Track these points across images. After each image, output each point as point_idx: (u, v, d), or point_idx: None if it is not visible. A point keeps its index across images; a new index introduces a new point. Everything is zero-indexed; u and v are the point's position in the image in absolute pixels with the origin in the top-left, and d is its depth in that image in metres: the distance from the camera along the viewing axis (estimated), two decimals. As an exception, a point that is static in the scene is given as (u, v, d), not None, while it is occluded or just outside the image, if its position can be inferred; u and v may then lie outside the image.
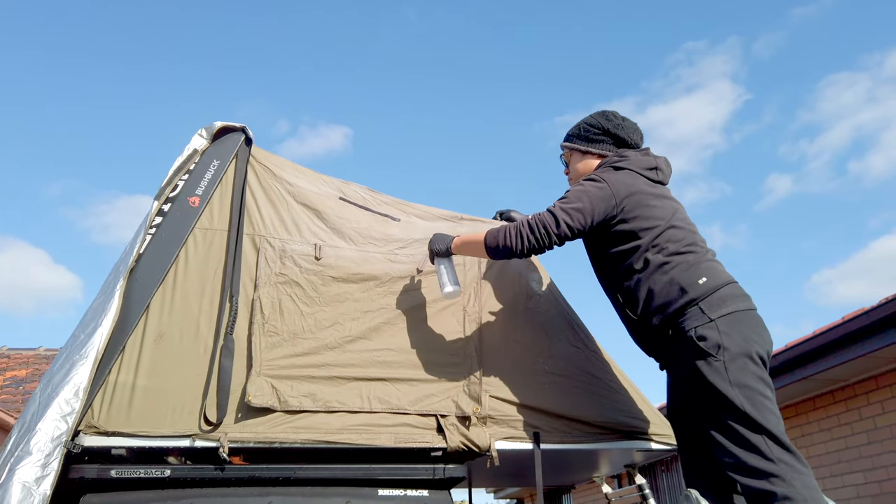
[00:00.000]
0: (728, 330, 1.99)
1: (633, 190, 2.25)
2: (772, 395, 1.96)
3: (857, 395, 5.99)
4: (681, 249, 2.16)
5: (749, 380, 1.95)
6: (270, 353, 2.31)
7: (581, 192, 2.25)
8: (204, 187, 2.51)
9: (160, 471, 2.13)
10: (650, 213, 2.23)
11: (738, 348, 1.98)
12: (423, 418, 2.32)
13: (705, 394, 1.99)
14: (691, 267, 2.13)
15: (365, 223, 2.62)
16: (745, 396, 1.93)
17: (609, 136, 2.45)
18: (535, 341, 2.56)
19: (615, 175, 2.28)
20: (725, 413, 1.94)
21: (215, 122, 2.59)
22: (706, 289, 2.07)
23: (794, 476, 1.81)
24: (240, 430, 2.20)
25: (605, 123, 2.45)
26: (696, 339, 2.01)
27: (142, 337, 2.25)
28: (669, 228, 2.20)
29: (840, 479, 5.97)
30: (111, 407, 2.14)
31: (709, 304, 2.04)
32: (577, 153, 2.52)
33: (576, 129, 2.53)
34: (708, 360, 1.98)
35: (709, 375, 1.97)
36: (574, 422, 2.45)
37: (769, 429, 1.90)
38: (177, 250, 2.39)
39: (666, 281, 2.12)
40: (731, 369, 1.95)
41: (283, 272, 2.44)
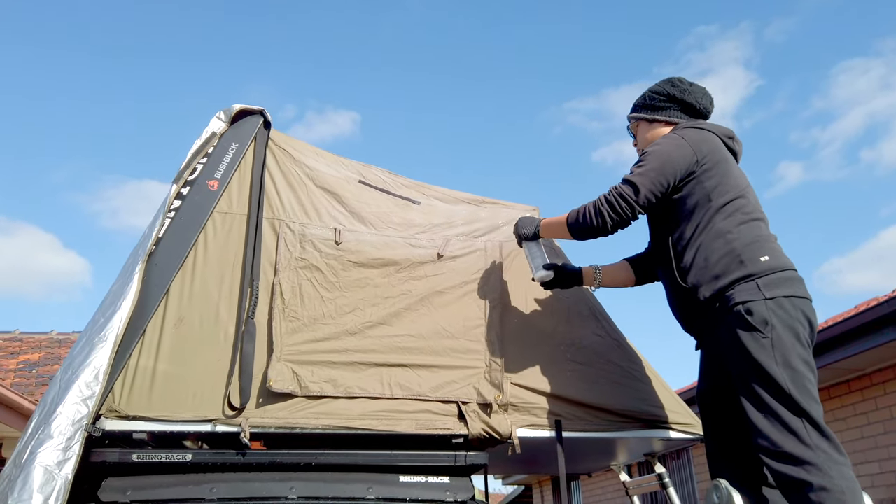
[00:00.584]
0: (778, 310, 1.93)
1: (714, 147, 2.18)
2: (815, 382, 1.90)
3: (873, 385, 5.93)
4: (747, 220, 2.09)
5: (795, 361, 1.89)
6: (291, 338, 2.29)
7: (658, 153, 2.16)
8: (223, 170, 2.48)
9: (181, 455, 2.12)
10: (727, 175, 2.15)
11: (786, 328, 1.91)
12: (444, 405, 2.30)
13: (748, 371, 1.92)
14: (755, 242, 2.06)
15: (385, 207, 2.59)
16: (790, 377, 1.87)
17: (675, 102, 2.36)
18: (557, 329, 2.53)
19: (693, 132, 2.20)
20: (767, 392, 1.88)
21: (233, 104, 2.57)
22: (767, 267, 2.00)
23: (832, 465, 1.76)
24: (260, 416, 2.18)
25: (670, 90, 2.36)
26: (744, 312, 1.94)
27: (162, 321, 2.24)
28: (740, 197, 2.13)
29: (855, 469, 5.91)
30: (132, 391, 2.14)
31: (766, 283, 1.97)
32: (643, 123, 2.42)
33: (641, 99, 2.45)
34: (754, 335, 1.91)
35: (754, 351, 1.90)
36: (596, 410, 2.42)
37: (810, 413, 1.84)
38: (196, 234, 2.37)
39: (726, 251, 2.05)
40: (777, 347, 1.89)
41: (303, 257, 2.41)
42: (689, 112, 2.36)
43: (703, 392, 2.22)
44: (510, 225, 2.66)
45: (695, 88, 2.37)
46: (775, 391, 1.87)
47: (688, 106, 2.35)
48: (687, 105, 2.35)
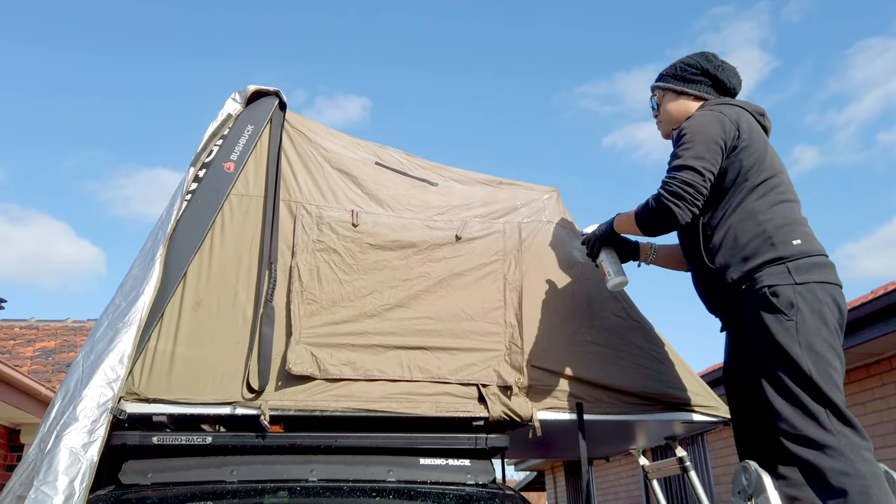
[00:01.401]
0: (807, 294, 1.90)
1: (751, 124, 2.14)
2: (840, 368, 1.87)
3: (892, 370, 5.87)
4: (780, 200, 2.05)
5: (820, 346, 1.86)
6: (309, 320, 2.28)
7: (702, 131, 2.08)
8: (239, 153, 2.47)
9: (201, 438, 2.12)
10: (764, 153, 2.11)
11: (813, 312, 1.88)
12: (464, 387, 2.28)
13: (770, 354, 1.90)
14: (787, 224, 2.02)
15: (402, 189, 2.57)
16: (813, 362, 1.84)
17: (708, 77, 2.30)
18: (577, 310, 2.50)
19: (730, 108, 2.15)
20: (789, 376, 1.85)
21: (248, 85, 2.54)
22: (798, 251, 1.97)
23: (853, 450, 1.73)
24: (280, 398, 2.17)
25: (704, 63, 2.30)
26: (769, 294, 1.91)
27: (180, 304, 2.23)
28: (775, 177, 2.09)
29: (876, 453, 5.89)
30: (151, 374, 2.13)
31: (797, 267, 1.94)
32: (670, 93, 2.36)
33: (671, 69, 2.38)
34: (778, 318, 1.89)
35: (777, 334, 1.87)
36: (617, 392, 2.39)
37: (833, 400, 1.81)
38: (213, 217, 2.36)
39: (757, 232, 2.01)
40: (801, 331, 1.86)
41: (320, 239, 2.39)
42: (718, 89, 2.31)
43: (729, 374, 2.19)
44: (529, 206, 2.63)
45: (727, 66, 2.32)
46: (797, 375, 1.85)
47: (719, 83, 2.30)
48: (718, 82, 2.30)
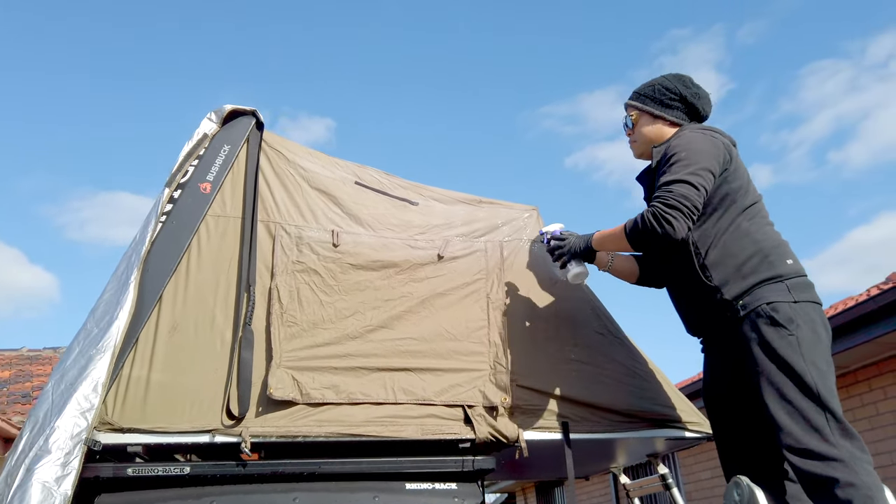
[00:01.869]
0: (803, 312, 1.94)
1: (734, 152, 2.19)
2: (835, 381, 1.90)
3: (858, 382, 6.00)
4: (767, 224, 2.11)
5: (820, 360, 1.89)
6: (290, 343, 2.22)
7: (697, 150, 2.10)
8: (215, 173, 2.41)
9: (179, 468, 2.04)
10: (748, 178, 2.17)
11: (811, 330, 1.92)
12: (449, 409, 2.25)
13: (774, 368, 1.90)
14: (780, 245, 2.07)
15: (382, 209, 2.54)
16: (817, 375, 1.87)
17: (685, 104, 2.32)
18: (561, 329, 2.49)
19: (718, 136, 2.19)
20: (794, 389, 1.86)
21: (224, 105, 2.50)
22: (793, 270, 2.01)
23: (856, 462, 1.75)
24: (261, 425, 2.11)
25: (682, 90, 2.32)
26: (770, 311, 1.93)
27: (155, 329, 2.16)
28: (759, 202, 2.14)
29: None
30: (125, 402, 2.05)
31: (794, 285, 1.97)
32: (647, 116, 2.37)
33: (649, 90, 2.38)
34: (780, 332, 1.91)
35: (781, 349, 1.89)
36: (602, 410, 2.39)
37: (834, 411, 1.83)
38: (189, 238, 2.30)
39: (754, 250, 2.04)
40: (804, 345, 1.88)
41: (300, 260, 2.35)
42: (692, 115, 2.34)
43: (712, 393, 2.19)
44: (510, 225, 2.62)
45: (702, 93, 2.36)
46: (802, 387, 1.86)
47: (694, 110, 2.33)
48: (694, 109, 2.33)
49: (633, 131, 2.41)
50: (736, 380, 2.09)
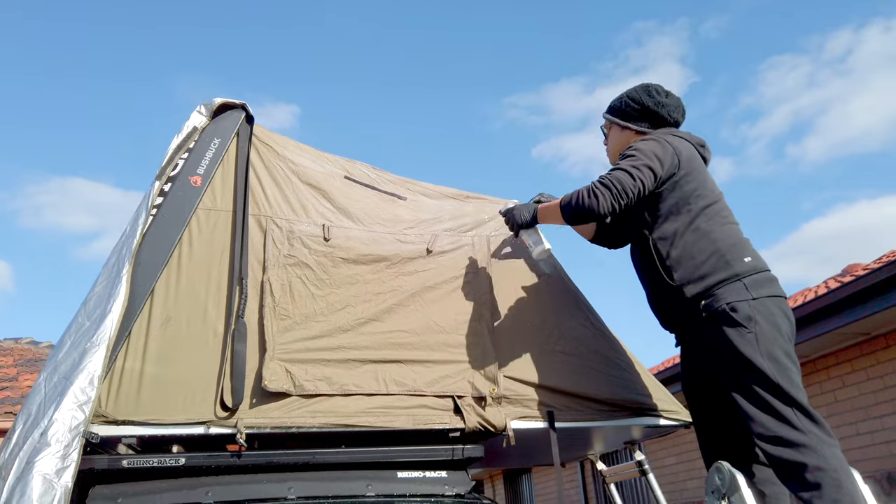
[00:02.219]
0: (762, 309, 2.05)
1: (691, 154, 2.28)
2: (798, 372, 2.01)
3: (818, 371, 6.24)
4: (727, 223, 2.21)
5: (779, 354, 2.00)
6: (283, 336, 2.26)
7: (645, 150, 2.22)
8: (205, 166, 2.42)
9: (174, 460, 2.06)
10: (705, 180, 2.27)
11: (769, 323, 2.03)
12: (439, 399, 2.30)
13: (736, 365, 2.02)
14: (737, 244, 2.17)
15: (372, 203, 2.58)
16: (776, 369, 1.98)
17: (647, 114, 2.43)
18: (546, 321, 2.57)
19: (674, 138, 2.29)
20: (757, 384, 1.98)
21: (214, 98, 2.50)
22: (750, 268, 2.11)
23: (824, 447, 1.86)
24: (255, 416, 2.14)
25: (646, 100, 2.42)
26: (729, 310, 2.04)
27: (148, 322, 2.17)
28: (718, 202, 2.24)
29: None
30: (119, 395, 2.06)
31: (752, 283, 2.08)
32: (615, 127, 2.50)
33: (617, 102, 2.51)
34: (739, 331, 2.02)
35: (741, 346, 2.00)
36: (586, 400, 2.47)
37: (799, 401, 1.95)
38: (180, 232, 2.31)
39: (712, 250, 2.14)
40: (762, 341, 1.99)
41: (291, 254, 2.38)
42: (659, 123, 2.44)
43: (689, 385, 2.31)
44: (496, 220, 2.68)
45: (669, 101, 2.44)
46: (764, 382, 1.98)
47: (658, 119, 2.44)
48: (659, 118, 2.43)
49: (608, 142, 2.56)
50: (707, 373, 2.20)
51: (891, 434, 5.73)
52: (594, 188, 2.18)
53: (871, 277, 5.22)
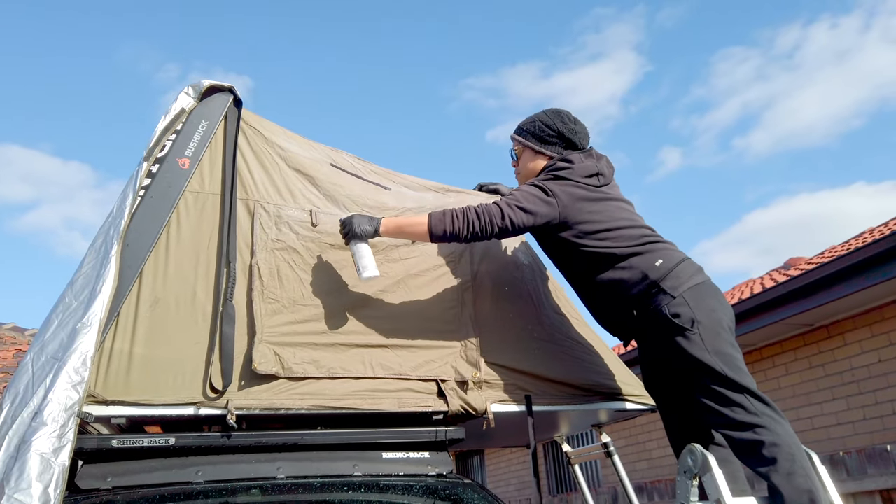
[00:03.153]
0: (695, 303, 2.19)
1: (576, 198, 2.38)
2: (742, 358, 2.20)
3: (763, 359, 6.57)
4: (633, 244, 2.33)
5: (724, 346, 2.16)
6: (271, 319, 2.29)
7: (529, 195, 2.37)
8: (193, 149, 2.42)
9: (164, 440, 2.08)
10: (595, 217, 2.37)
11: (709, 320, 2.18)
12: (424, 383, 2.38)
13: (688, 365, 2.18)
14: (646, 255, 2.30)
15: (358, 190, 2.62)
16: (724, 362, 2.14)
17: (562, 140, 2.56)
18: (525, 309, 2.67)
19: (558, 185, 2.40)
20: (709, 379, 2.14)
21: (203, 80, 2.50)
22: (664, 270, 2.25)
23: (776, 425, 2.04)
24: (244, 398, 2.17)
25: (560, 126, 2.55)
26: (670, 316, 2.19)
27: (136, 303, 2.17)
28: (618, 229, 2.36)
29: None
30: (108, 375, 2.06)
31: (670, 283, 2.22)
32: (529, 151, 2.62)
33: (531, 126, 2.61)
34: (685, 335, 2.17)
35: (689, 348, 2.16)
36: (561, 384, 2.59)
37: (748, 387, 2.12)
38: (168, 213, 2.30)
39: (626, 268, 2.29)
40: (706, 339, 2.15)
41: (279, 238, 2.40)
42: (569, 147, 2.57)
43: (648, 378, 2.49)
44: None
45: (579, 128, 2.59)
46: (715, 377, 2.14)
47: (570, 143, 2.57)
48: (571, 143, 2.57)
49: (518, 163, 2.67)
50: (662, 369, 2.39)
51: (829, 419, 6.09)
52: (467, 213, 2.32)
53: (816, 272, 5.52)
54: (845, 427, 5.94)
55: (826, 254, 6.71)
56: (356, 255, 2.36)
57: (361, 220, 2.37)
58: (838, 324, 6.02)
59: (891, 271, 5.11)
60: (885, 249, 5.05)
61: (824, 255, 6.73)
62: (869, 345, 5.83)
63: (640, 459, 8.62)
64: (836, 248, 6.63)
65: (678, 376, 2.30)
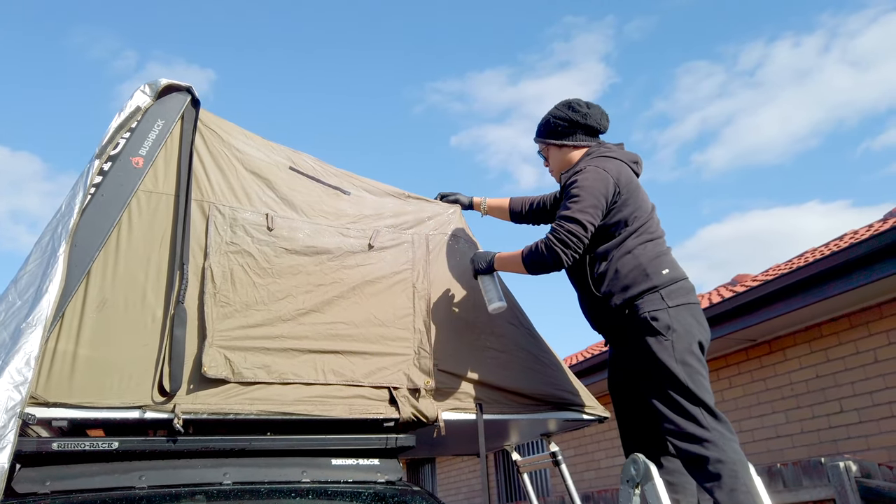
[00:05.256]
0: (678, 316, 2.26)
1: (628, 178, 2.45)
2: (707, 376, 2.25)
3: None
4: (652, 238, 2.40)
5: (691, 360, 2.23)
6: (223, 323, 2.27)
7: (588, 188, 2.38)
8: (148, 147, 2.38)
9: (107, 443, 2.04)
10: (639, 200, 2.44)
11: (684, 332, 2.25)
12: (376, 390, 2.39)
13: (653, 368, 2.24)
14: (657, 257, 2.37)
15: (316, 195, 2.61)
16: (687, 373, 2.21)
17: (578, 127, 2.59)
18: (479, 318, 2.70)
19: (610, 163, 2.45)
20: (669, 386, 2.20)
21: (160, 79, 2.46)
22: (668, 279, 2.32)
23: (725, 442, 2.11)
24: (192, 402, 2.14)
25: (571, 115, 2.59)
26: (650, 319, 2.25)
27: (83, 304, 2.12)
28: (649, 220, 2.43)
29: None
30: (50, 376, 2.01)
31: (668, 293, 2.29)
32: (553, 148, 2.67)
33: (546, 126, 2.66)
34: (658, 339, 2.23)
35: (658, 352, 2.22)
36: (512, 394, 2.62)
37: (705, 402, 2.18)
38: (119, 213, 2.26)
39: (634, 265, 2.35)
40: (677, 348, 2.21)
41: (233, 241, 2.38)
42: (590, 133, 2.62)
43: (614, 382, 2.52)
44: (435, 219, 2.79)
45: (592, 110, 2.62)
46: (676, 385, 2.21)
47: (589, 128, 2.61)
48: (588, 128, 2.61)
49: (548, 163, 2.72)
50: (630, 372, 2.41)
51: (769, 432, 6.30)
52: (554, 245, 2.35)
53: (759, 290, 5.72)
54: (784, 440, 6.16)
55: (770, 271, 6.94)
56: (482, 288, 2.61)
57: (478, 257, 2.59)
58: (779, 340, 6.24)
59: (828, 291, 5.33)
60: (822, 270, 5.26)
61: (769, 272, 6.96)
62: (807, 360, 6.06)
63: (588, 469, 8.74)
64: (780, 267, 6.87)
65: (643, 381, 2.34)
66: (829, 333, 5.94)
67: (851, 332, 5.76)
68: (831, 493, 3.80)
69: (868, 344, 5.61)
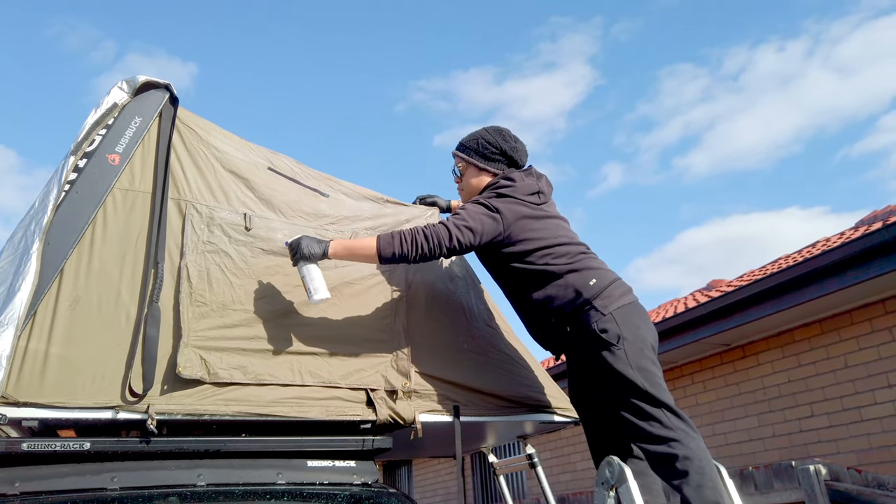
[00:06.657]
0: (623, 322, 2.30)
1: (519, 216, 2.46)
2: (662, 376, 2.31)
3: (683, 376, 6.84)
4: (570, 262, 2.42)
5: (646, 364, 2.27)
6: (199, 323, 2.24)
7: (475, 214, 2.42)
8: (125, 145, 2.36)
9: (79, 444, 2.01)
10: (536, 234, 2.45)
11: (634, 338, 2.29)
12: (353, 392, 2.38)
13: (611, 379, 2.28)
14: (581, 273, 2.39)
15: (294, 196, 2.60)
16: (645, 378, 2.24)
17: (505, 157, 2.64)
18: (456, 321, 2.70)
19: (503, 203, 2.46)
20: (629, 393, 2.24)
21: (138, 75, 2.44)
22: (597, 289, 2.35)
23: (690, 440, 2.15)
24: (166, 402, 2.12)
25: (503, 144, 2.63)
26: (598, 332, 2.29)
27: (55, 302, 2.09)
28: (557, 246, 2.44)
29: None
30: (20, 376, 1.97)
31: (601, 302, 2.32)
32: (473, 168, 2.67)
33: (474, 143, 2.67)
34: (611, 350, 2.27)
35: (613, 363, 2.25)
36: (489, 396, 2.63)
37: (666, 402, 2.22)
38: (94, 210, 2.23)
39: (562, 286, 2.38)
40: (630, 355, 2.25)
41: (210, 240, 2.36)
42: (511, 165, 2.67)
43: (574, 391, 2.57)
44: (413, 223, 2.79)
45: (519, 146, 2.69)
46: (635, 392, 2.24)
47: (512, 161, 2.66)
48: (512, 160, 2.66)
49: (461, 180, 2.73)
50: (588, 383, 2.47)
51: (742, 435, 6.39)
52: (415, 235, 2.35)
53: (733, 295, 5.80)
54: (756, 443, 6.25)
55: (745, 277, 7.05)
56: (305, 277, 2.32)
57: (310, 241, 2.33)
58: (753, 344, 6.34)
59: (800, 297, 5.43)
60: (795, 276, 5.36)
61: (743, 278, 7.07)
62: (780, 365, 6.16)
63: (564, 471, 8.79)
64: (754, 273, 6.98)
65: (602, 390, 2.39)
66: (801, 339, 6.05)
67: (822, 338, 5.87)
68: (801, 496, 3.87)
69: (839, 349, 5.73)
